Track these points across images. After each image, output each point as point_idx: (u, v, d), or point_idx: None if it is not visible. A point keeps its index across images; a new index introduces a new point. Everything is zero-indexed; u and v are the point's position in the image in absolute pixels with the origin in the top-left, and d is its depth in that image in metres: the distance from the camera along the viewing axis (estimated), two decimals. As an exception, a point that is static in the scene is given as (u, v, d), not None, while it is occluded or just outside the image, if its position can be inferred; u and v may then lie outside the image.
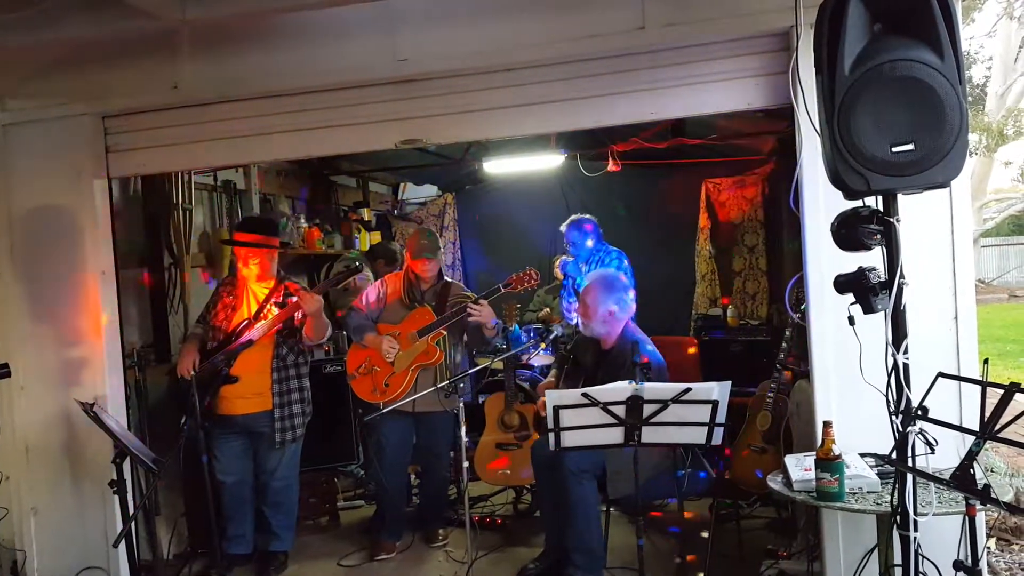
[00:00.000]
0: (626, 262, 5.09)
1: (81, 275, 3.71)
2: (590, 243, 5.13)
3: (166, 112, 3.65)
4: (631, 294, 3.83)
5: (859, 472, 2.52)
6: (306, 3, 3.07)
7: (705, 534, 3.97)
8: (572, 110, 3.31)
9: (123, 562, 3.58)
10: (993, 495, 1.89)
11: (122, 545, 3.40)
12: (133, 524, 3.51)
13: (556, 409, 2.87)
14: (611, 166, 5.78)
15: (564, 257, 5.40)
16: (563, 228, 5.24)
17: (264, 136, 3.62)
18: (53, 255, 3.73)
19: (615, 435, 2.91)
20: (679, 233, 6.49)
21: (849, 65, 2.08)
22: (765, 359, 4.75)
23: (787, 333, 4.13)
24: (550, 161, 5.91)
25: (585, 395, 2.84)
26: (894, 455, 2.10)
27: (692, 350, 5.30)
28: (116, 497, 3.37)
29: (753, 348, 5.35)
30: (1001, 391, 1.90)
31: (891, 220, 2.16)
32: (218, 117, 3.61)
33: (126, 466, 3.42)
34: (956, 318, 2.87)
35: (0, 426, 3.64)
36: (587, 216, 5.25)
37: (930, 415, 2.14)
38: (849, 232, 2.25)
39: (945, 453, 2.29)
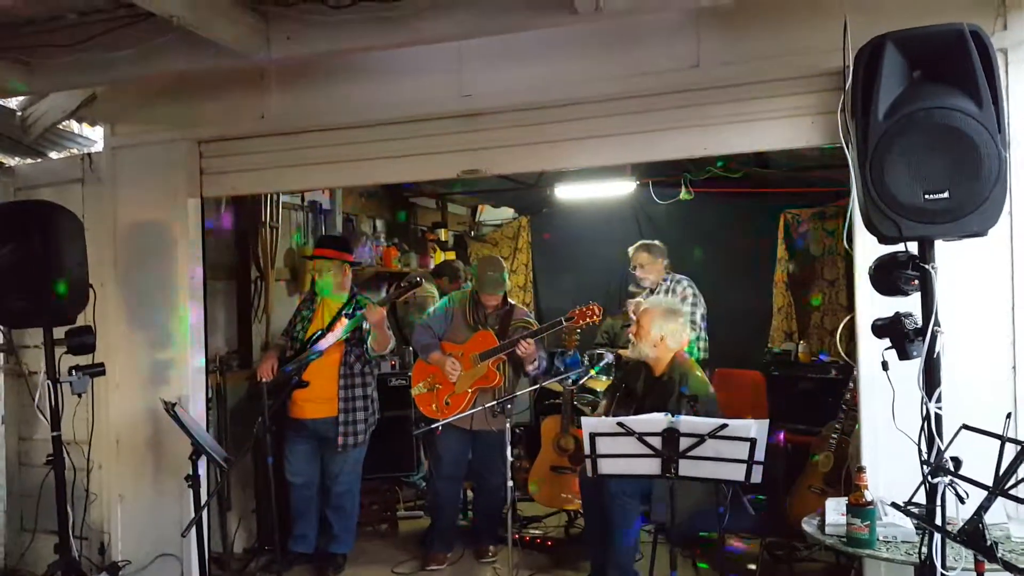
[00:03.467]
0: (691, 289, 5.01)
1: (173, 285, 4.03)
2: (658, 265, 5.02)
3: (254, 139, 3.95)
4: (687, 328, 3.84)
5: (894, 521, 2.47)
6: (379, 45, 3.27)
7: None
8: (626, 144, 3.39)
9: (194, 552, 3.79)
10: (999, 554, 1.84)
11: (193, 535, 3.64)
12: (206, 518, 3.77)
13: (592, 436, 2.94)
14: (684, 194, 5.78)
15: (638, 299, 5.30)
16: (631, 251, 5.13)
17: (340, 164, 3.87)
18: (150, 266, 4.07)
19: (652, 466, 2.94)
20: (755, 264, 6.37)
21: (884, 111, 2.08)
22: (832, 399, 4.62)
23: (855, 373, 4.04)
24: (623, 187, 5.96)
25: (620, 424, 2.90)
26: (910, 504, 2.07)
27: (760, 386, 5.21)
28: (191, 491, 3.62)
29: (823, 386, 5.19)
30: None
31: (926, 267, 2.13)
32: (299, 145, 3.87)
33: (202, 463, 3.65)
34: (1014, 367, 2.77)
35: (96, 419, 3.95)
36: (656, 243, 5.16)
37: (978, 468, 2.08)
38: (885, 277, 2.23)
39: (994, 508, 2.22)
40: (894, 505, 2.16)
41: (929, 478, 2.05)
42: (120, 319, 4.08)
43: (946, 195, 2.03)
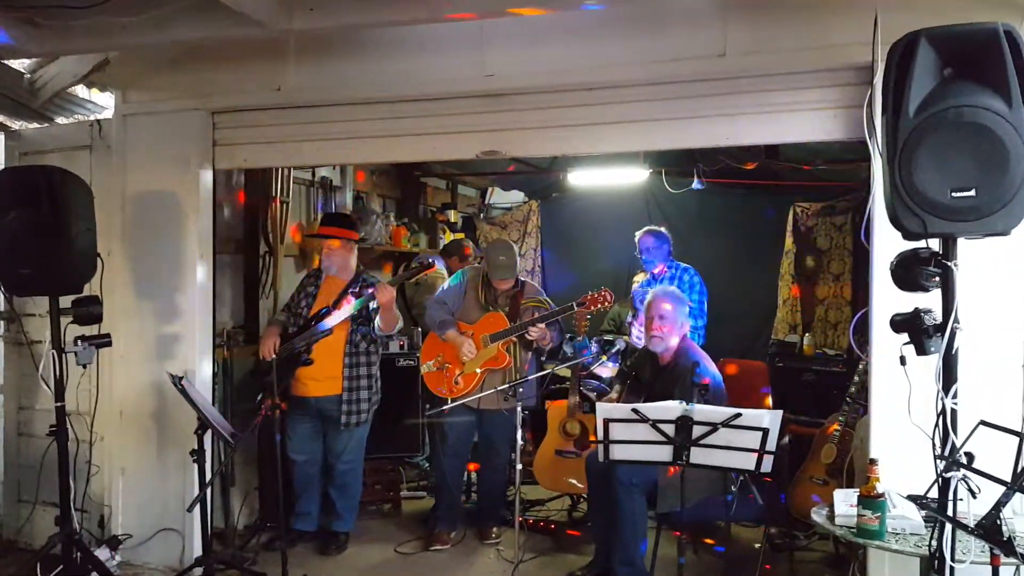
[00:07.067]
0: (697, 278, 5.06)
1: (182, 257, 3.98)
2: (662, 252, 5.08)
3: (269, 111, 3.89)
4: (686, 310, 3.87)
5: (904, 513, 2.49)
6: (404, 19, 3.23)
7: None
8: (648, 131, 3.37)
9: (196, 527, 3.78)
10: (1018, 547, 1.86)
11: (197, 511, 3.61)
12: (209, 493, 3.74)
13: (606, 422, 2.95)
14: (696, 184, 5.77)
15: (640, 281, 5.36)
16: (638, 236, 5.21)
17: (357, 139, 3.83)
18: (158, 237, 4.01)
19: (664, 453, 2.96)
20: (763, 255, 6.37)
21: (914, 108, 2.08)
22: (836, 391, 4.64)
23: (860, 367, 4.05)
24: (635, 175, 5.94)
25: (635, 411, 2.91)
26: (926, 498, 2.08)
27: (763, 376, 5.24)
28: (196, 465, 3.60)
29: (827, 379, 5.22)
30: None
31: (949, 264, 2.14)
32: (316, 119, 3.82)
33: (207, 438, 3.62)
34: (1028, 364, 2.77)
35: (99, 391, 3.84)
36: (661, 229, 5.23)
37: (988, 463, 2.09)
38: (907, 273, 2.24)
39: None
40: (910, 498, 2.17)
41: (943, 472, 2.06)
42: (127, 290, 4.03)
43: (973, 193, 2.03)
